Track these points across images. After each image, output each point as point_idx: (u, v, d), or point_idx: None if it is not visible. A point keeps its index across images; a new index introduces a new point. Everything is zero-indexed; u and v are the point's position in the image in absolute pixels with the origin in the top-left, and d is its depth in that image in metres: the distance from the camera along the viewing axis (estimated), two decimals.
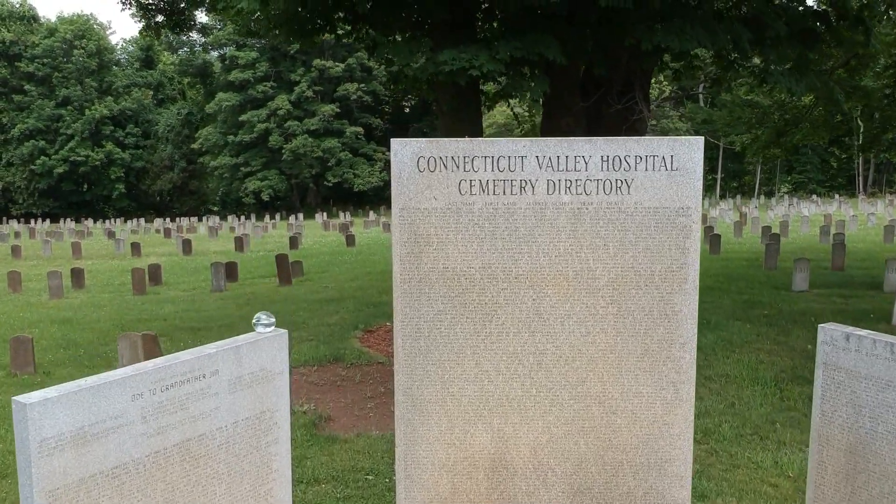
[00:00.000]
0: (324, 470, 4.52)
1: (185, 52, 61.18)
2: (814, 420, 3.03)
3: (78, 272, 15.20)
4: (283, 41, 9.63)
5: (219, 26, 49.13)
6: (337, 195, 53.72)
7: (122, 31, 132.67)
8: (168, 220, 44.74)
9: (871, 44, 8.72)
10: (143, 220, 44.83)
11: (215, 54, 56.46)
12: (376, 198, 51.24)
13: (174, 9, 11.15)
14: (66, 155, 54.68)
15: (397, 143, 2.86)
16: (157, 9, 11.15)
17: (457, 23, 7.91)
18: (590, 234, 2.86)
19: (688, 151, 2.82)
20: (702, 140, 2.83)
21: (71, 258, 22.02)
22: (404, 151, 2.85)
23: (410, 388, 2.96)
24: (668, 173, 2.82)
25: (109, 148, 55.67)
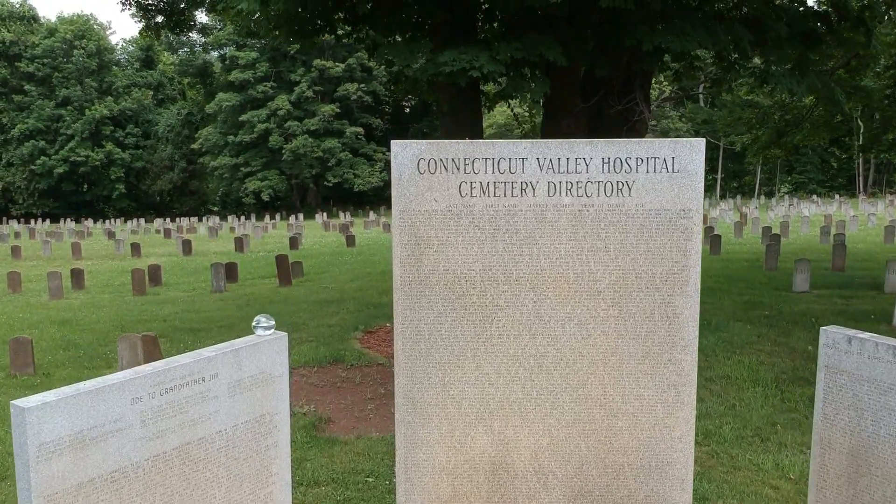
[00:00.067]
0: (324, 472, 4.51)
1: (185, 53, 61.21)
2: (816, 423, 3.02)
3: (78, 273, 15.19)
4: (283, 42, 9.62)
5: (219, 26, 49.12)
6: (337, 195, 53.73)
7: (122, 32, 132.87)
8: (168, 221, 44.75)
9: (872, 44, 8.71)
10: (143, 221, 44.83)
11: (215, 54, 56.49)
12: (376, 198, 51.25)
13: (174, 9, 11.14)
14: (66, 155, 54.73)
15: (397, 145, 2.85)
16: (156, 9, 11.15)
17: (457, 23, 7.90)
18: (591, 236, 2.85)
19: (689, 153, 2.81)
20: (703, 142, 2.82)
21: (71, 258, 22.01)
22: (404, 153, 2.84)
23: (411, 390, 2.95)
24: (670, 175, 2.81)
25: (109, 148, 55.71)
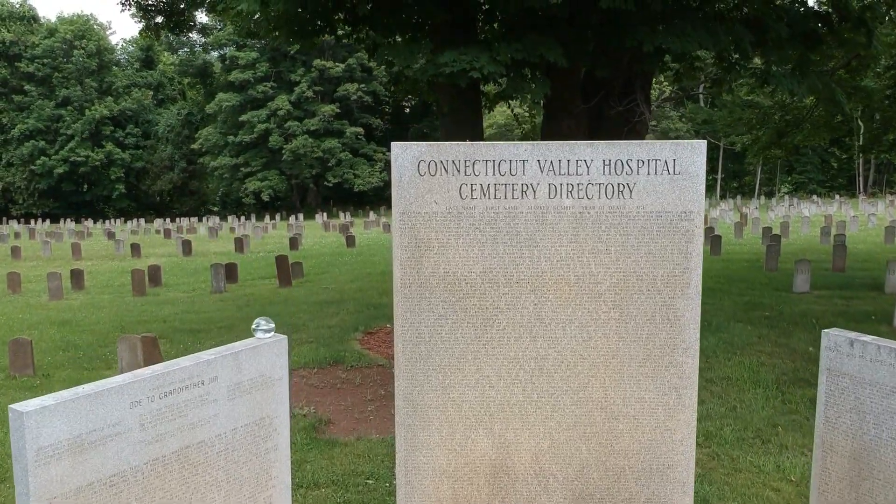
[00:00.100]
0: (324, 474, 4.50)
1: (185, 53, 61.21)
2: (817, 426, 3.01)
3: (77, 273, 15.17)
4: (283, 42, 9.61)
5: (219, 27, 49.12)
6: (337, 195, 53.73)
7: (122, 32, 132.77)
8: (168, 221, 44.72)
9: (873, 45, 8.71)
10: (143, 221, 44.81)
11: (215, 55, 56.49)
12: (376, 198, 51.25)
13: (174, 9, 11.13)
14: (66, 155, 54.73)
15: (398, 147, 2.84)
16: (156, 9, 11.14)
17: (457, 24, 7.89)
18: (591, 238, 2.84)
19: (690, 155, 2.80)
20: (704, 144, 2.81)
21: (71, 259, 21.99)
22: (405, 155, 2.83)
23: (411, 393, 2.94)
24: (671, 177, 2.80)
25: (109, 148, 55.71)
